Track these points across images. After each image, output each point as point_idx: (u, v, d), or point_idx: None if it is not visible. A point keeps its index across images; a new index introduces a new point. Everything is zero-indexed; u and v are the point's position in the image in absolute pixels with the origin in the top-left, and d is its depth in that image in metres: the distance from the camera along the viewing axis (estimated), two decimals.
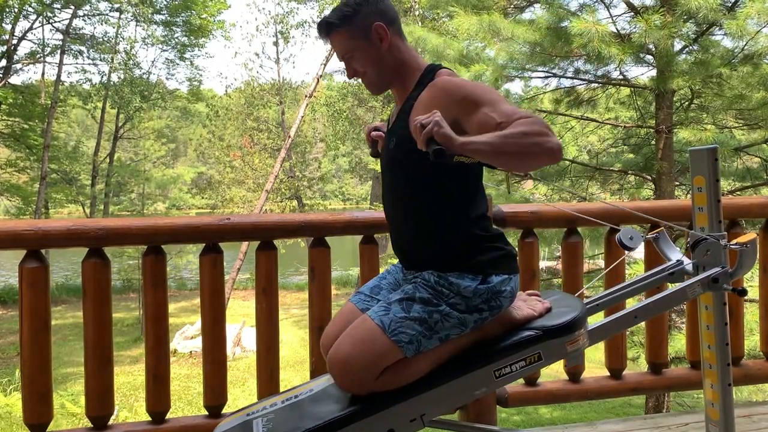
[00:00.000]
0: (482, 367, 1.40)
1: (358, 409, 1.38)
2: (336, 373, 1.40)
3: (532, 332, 1.43)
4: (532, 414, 8.57)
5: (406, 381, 1.39)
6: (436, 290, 1.42)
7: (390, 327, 1.38)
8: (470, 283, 1.42)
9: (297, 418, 1.41)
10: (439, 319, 1.40)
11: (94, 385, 1.90)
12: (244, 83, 20.56)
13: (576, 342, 1.44)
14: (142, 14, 17.04)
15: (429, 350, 1.40)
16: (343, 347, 1.40)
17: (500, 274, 1.45)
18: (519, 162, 1.29)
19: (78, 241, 1.88)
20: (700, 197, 1.69)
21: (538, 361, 1.42)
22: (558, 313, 1.49)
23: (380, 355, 1.37)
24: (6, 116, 16.06)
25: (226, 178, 19.97)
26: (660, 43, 5.45)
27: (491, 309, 1.44)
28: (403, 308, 1.41)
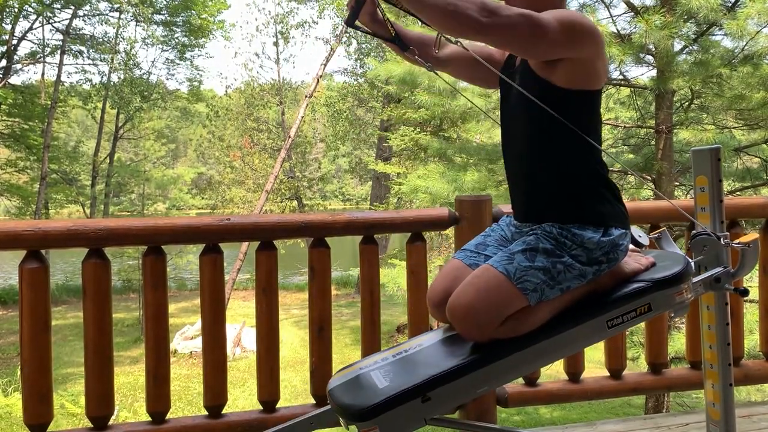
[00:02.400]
0: (597, 317, 1.45)
1: (482, 356, 1.40)
2: (458, 319, 1.41)
3: (642, 284, 1.49)
4: (532, 414, 8.57)
5: (527, 329, 1.42)
6: (558, 241, 1.44)
7: (515, 275, 1.40)
8: (593, 235, 1.44)
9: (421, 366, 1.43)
10: (562, 269, 1.42)
11: (94, 386, 1.90)
12: (244, 83, 20.59)
13: (683, 293, 1.50)
14: (142, 14, 17.04)
15: (550, 300, 1.43)
16: (467, 294, 1.41)
17: (619, 227, 1.48)
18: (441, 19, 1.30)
19: (78, 242, 1.87)
20: (703, 197, 1.69)
21: (648, 312, 1.48)
22: (663, 267, 1.54)
23: (505, 302, 1.39)
24: (6, 116, 16.06)
25: (226, 179, 19.99)
26: (660, 43, 5.45)
27: (609, 261, 1.47)
28: (527, 258, 1.42)
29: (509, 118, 1.59)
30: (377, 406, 1.33)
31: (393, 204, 14.57)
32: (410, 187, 7.53)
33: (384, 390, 1.36)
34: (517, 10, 1.32)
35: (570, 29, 1.36)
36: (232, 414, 2.04)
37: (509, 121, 1.59)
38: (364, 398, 1.36)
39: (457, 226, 2.14)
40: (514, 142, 1.58)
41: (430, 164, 9.05)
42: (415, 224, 2.13)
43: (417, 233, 2.16)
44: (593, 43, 1.40)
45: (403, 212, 2.14)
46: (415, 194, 7.52)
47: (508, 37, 1.32)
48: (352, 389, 1.43)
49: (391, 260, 10.17)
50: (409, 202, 13.08)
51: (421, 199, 7.26)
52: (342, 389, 1.44)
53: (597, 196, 1.49)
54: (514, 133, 1.58)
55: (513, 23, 1.30)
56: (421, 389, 1.35)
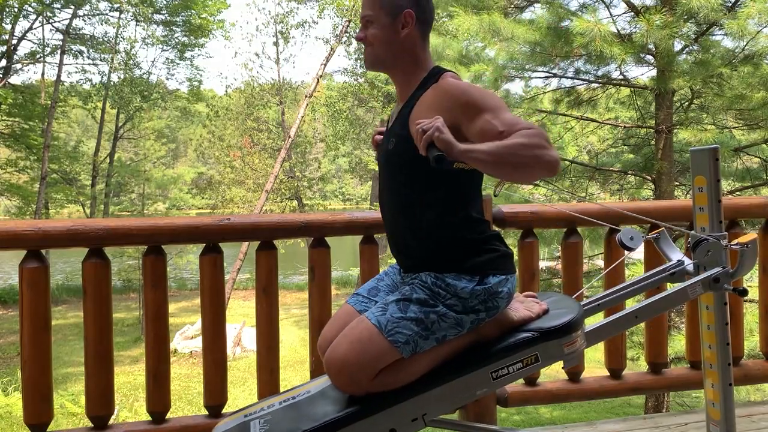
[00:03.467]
0: (479, 368, 1.40)
1: (356, 409, 1.37)
2: (333, 374, 1.40)
3: (529, 334, 1.43)
4: (532, 414, 8.57)
5: (403, 382, 1.39)
6: (432, 291, 1.42)
7: (387, 327, 1.38)
8: (467, 285, 1.42)
9: (295, 419, 1.41)
10: (435, 319, 1.40)
11: (94, 385, 1.90)
12: (244, 83, 20.55)
13: (573, 344, 1.44)
14: (142, 14, 17.05)
15: (426, 351, 1.40)
16: (340, 348, 1.39)
17: (497, 274, 1.45)
18: (517, 173, 1.30)
19: (78, 241, 1.87)
20: (701, 197, 1.69)
21: (536, 363, 1.42)
22: (555, 315, 1.49)
23: (377, 356, 1.37)
24: (6, 116, 16.06)
25: (226, 179, 19.96)
26: (661, 43, 5.45)
27: (488, 310, 1.44)
28: (400, 308, 1.41)
29: (381, 176, 1.59)
30: None
31: None
32: None
33: None
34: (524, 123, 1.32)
35: None
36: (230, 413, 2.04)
37: (381, 178, 1.59)
38: None
39: None
40: (385, 198, 1.58)
41: None
42: None
43: None
44: None
45: None
46: None
47: None
48: None
49: (391, 260, 10.17)
50: None
51: None
52: None
53: (472, 246, 1.46)
54: (385, 189, 1.58)
55: None
56: None
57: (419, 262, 1.50)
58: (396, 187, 1.53)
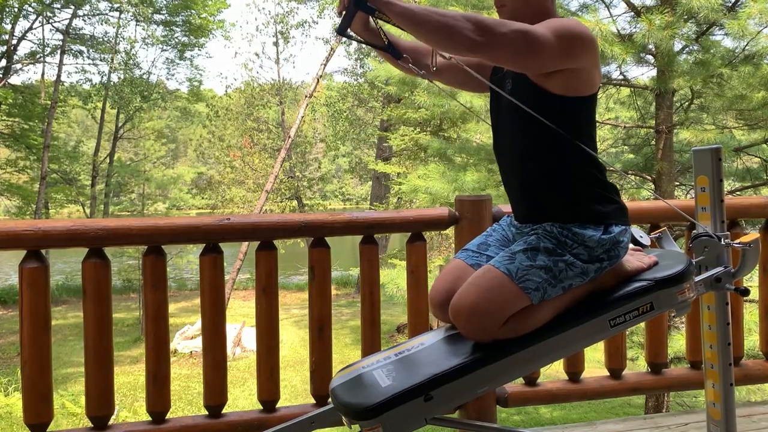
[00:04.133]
0: (599, 316, 1.45)
1: (484, 355, 1.40)
2: (462, 320, 1.41)
3: (644, 283, 1.48)
4: (532, 414, 8.57)
5: (530, 329, 1.42)
6: (559, 240, 1.45)
7: (517, 275, 1.40)
8: (594, 233, 1.45)
9: (423, 365, 1.43)
10: (563, 268, 1.42)
11: (94, 385, 1.90)
12: (244, 83, 20.58)
13: (685, 292, 1.50)
14: (142, 14, 17.05)
15: (552, 299, 1.43)
16: (469, 295, 1.41)
17: (619, 224, 1.48)
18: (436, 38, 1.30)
19: (78, 241, 1.87)
20: (704, 197, 1.69)
21: (651, 311, 1.48)
22: (665, 266, 1.54)
23: (507, 302, 1.39)
24: (6, 116, 16.06)
25: (226, 179, 19.97)
26: (661, 43, 5.45)
27: (611, 259, 1.47)
28: (528, 257, 1.43)
29: (501, 124, 1.59)
30: (380, 405, 1.33)
31: (393, 204, 14.57)
32: (410, 187, 7.53)
33: (386, 389, 1.36)
34: (513, 26, 1.32)
35: (567, 42, 1.36)
36: (232, 414, 2.04)
37: (501, 126, 1.59)
38: (366, 397, 1.36)
39: (457, 226, 2.14)
40: (508, 147, 1.58)
41: (430, 164, 9.05)
42: (415, 224, 2.13)
43: (417, 233, 2.15)
44: (590, 53, 1.41)
45: (403, 212, 2.14)
46: (415, 194, 7.52)
47: (505, 54, 1.33)
48: (354, 388, 1.43)
49: (391, 260, 10.17)
50: (409, 202, 13.08)
51: (421, 199, 7.26)
52: (344, 388, 1.44)
53: (594, 196, 1.49)
54: (506, 139, 1.58)
55: (509, 40, 1.31)
56: (424, 388, 1.35)
57: (543, 209, 1.51)
58: (518, 135, 1.52)
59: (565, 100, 1.43)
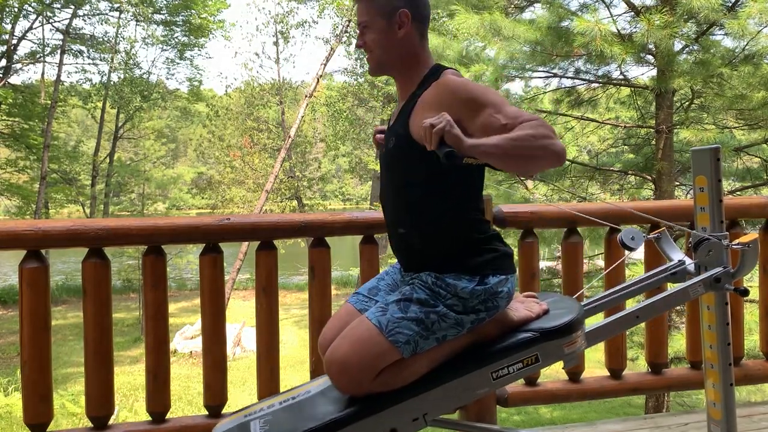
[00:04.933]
0: (480, 368, 1.40)
1: (357, 409, 1.37)
2: (333, 375, 1.39)
3: (529, 334, 1.43)
4: (532, 414, 8.57)
5: (404, 382, 1.39)
6: (433, 291, 1.42)
7: (387, 327, 1.38)
8: (467, 284, 1.42)
9: (295, 419, 1.41)
10: (436, 319, 1.40)
11: (94, 385, 1.90)
12: (244, 83, 20.55)
13: (573, 344, 1.44)
14: (142, 14, 17.05)
15: (426, 351, 1.40)
16: (341, 348, 1.39)
17: (497, 274, 1.45)
18: (526, 164, 1.30)
19: (78, 241, 1.87)
20: (702, 197, 1.68)
21: (536, 363, 1.42)
22: (555, 315, 1.49)
23: (378, 356, 1.36)
24: (6, 116, 16.06)
25: (226, 178, 19.96)
26: (661, 43, 5.45)
27: (488, 310, 1.43)
28: (400, 308, 1.41)
29: (383, 176, 1.59)
30: None
31: None
32: None
33: None
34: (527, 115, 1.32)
35: None
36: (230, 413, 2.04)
37: (384, 174, 1.59)
38: None
39: None
40: (388, 196, 1.58)
41: None
42: None
43: None
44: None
45: None
46: None
47: None
48: None
49: (391, 260, 10.18)
50: None
51: None
52: None
53: (473, 246, 1.46)
54: (387, 187, 1.57)
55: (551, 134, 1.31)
56: None
57: (419, 261, 1.49)
58: (397, 186, 1.53)
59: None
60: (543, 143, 1.26)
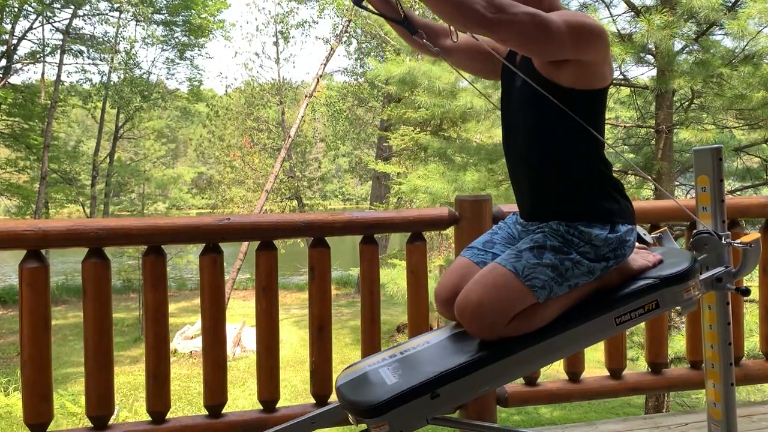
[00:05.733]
0: (605, 313, 1.44)
1: (490, 353, 1.39)
2: (467, 318, 1.40)
3: (650, 281, 1.48)
4: (532, 414, 8.57)
5: (534, 327, 1.41)
6: (565, 239, 1.44)
7: (524, 272, 1.40)
8: (600, 232, 1.44)
9: (429, 363, 1.42)
10: (570, 266, 1.42)
11: (94, 385, 1.90)
12: (244, 83, 20.57)
13: (690, 290, 1.49)
14: (142, 14, 17.05)
15: (558, 297, 1.42)
16: (475, 292, 1.40)
17: (625, 223, 1.48)
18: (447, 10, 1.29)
19: (78, 241, 1.87)
20: (704, 197, 1.68)
21: (656, 309, 1.47)
22: (670, 264, 1.53)
23: (513, 300, 1.39)
24: (6, 116, 16.06)
25: (226, 178, 19.98)
26: (661, 43, 5.45)
27: (617, 258, 1.46)
28: (535, 255, 1.42)
29: (511, 116, 1.57)
30: (387, 403, 1.33)
31: (393, 204, 14.57)
32: (410, 187, 7.53)
33: (393, 386, 1.36)
34: (525, 9, 1.31)
35: (577, 32, 1.35)
36: (232, 414, 2.04)
37: (511, 119, 1.57)
38: (373, 394, 1.37)
39: (457, 226, 2.14)
40: (517, 140, 1.56)
41: (430, 164, 9.04)
42: (415, 224, 2.12)
43: (417, 233, 2.15)
44: (600, 46, 1.39)
45: (403, 212, 2.14)
46: (415, 194, 7.52)
47: (514, 35, 1.31)
48: (360, 386, 1.42)
49: (391, 260, 10.17)
50: (409, 202, 13.07)
51: (421, 198, 7.26)
52: (350, 386, 1.44)
53: (602, 194, 1.48)
54: (516, 132, 1.56)
55: (520, 21, 1.29)
56: (431, 386, 1.35)
57: (551, 207, 1.51)
58: (527, 130, 1.52)
59: (573, 93, 1.41)
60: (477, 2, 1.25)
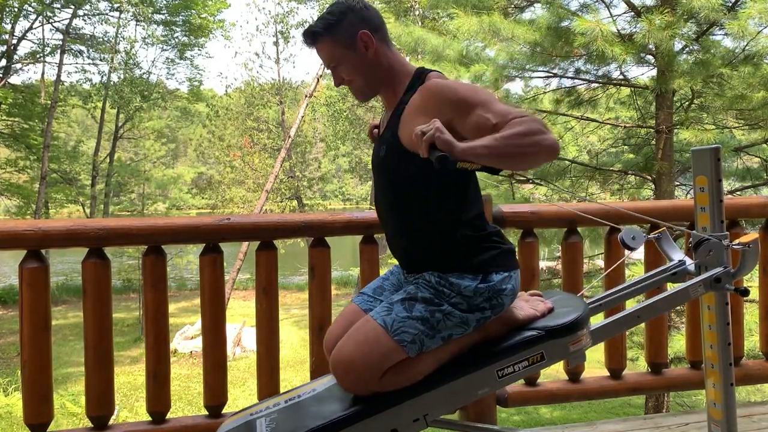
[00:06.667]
0: (485, 366, 1.40)
1: (361, 408, 1.37)
2: (339, 374, 1.39)
3: (534, 332, 1.43)
4: (532, 414, 8.57)
5: (409, 381, 1.39)
6: (437, 290, 1.42)
7: (393, 327, 1.38)
8: (470, 283, 1.42)
9: (300, 418, 1.41)
10: (441, 318, 1.39)
11: (94, 385, 1.90)
12: (244, 83, 20.57)
13: (579, 342, 1.44)
14: (142, 14, 17.05)
15: (432, 350, 1.40)
16: (346, 348, 1.39)
17: (500, 271, 1.44)
18: (519, 162, 1.30)
19: (78, 241, 1.87)
20: (703, 197, 1.68)
21: (541, 361, 1.42)
22: (560, 313, 1.49)
23: (383, 355, 1.36)
24: (6, 116, 16.06)
25: (226, 178, 19.98)
26: (661, 43, 5.45)
27: (493, 308, 1.43)
28: (405, 308, 1.40)
29: (376, 181, 1.58)
30: None
31: None
32: None
33: None
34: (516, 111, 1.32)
35: None
36: (232, 414, 2.04)
37: (376, 183, 1.58)
38: None
39: None
40: (383, 201, 1.57)
41: None
42: None
43: None
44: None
45: None
46: None
47: None
48: None
49: (391, 260, 10.17)
50: None
51: None
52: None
53: (473, 245, 1.46)
54: (381, 193, 1.57)
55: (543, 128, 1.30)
56: None
57: (420, 263, 1.49)
58: (391, 193, 1.52)
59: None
60: (534, 139, 1.25)
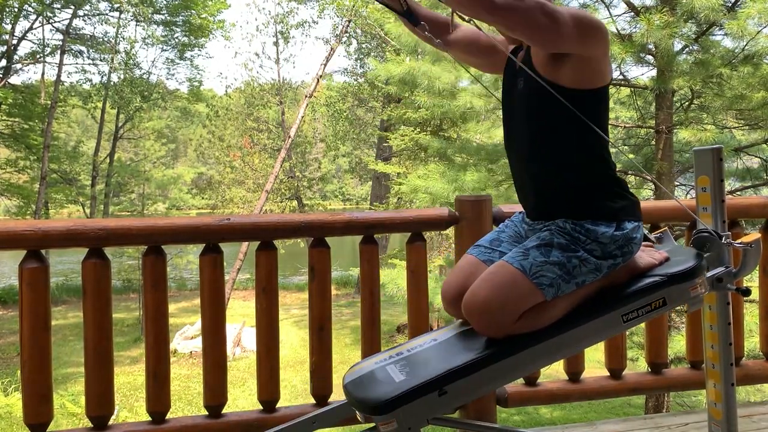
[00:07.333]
0: (611, 311, 1.45)
1: (497, 350, 1.40)
2: (475, 317, 1.41)
3: (656, 278, 1.49)
4: (532, 414, 8.57)
5: (542, 324, 1.42)
6: (572, 237, 1.45)
7: (531, 270, 1.40)
8: (606, 230, 1.45)
9: (436, 361, 1.43)
10: (577, 264, 1.43)
11: (94, 385, 1.90)
12: (244, 83, 20.58)
13: (697, 287, 1.50)
14: (142, 14, 17.04)
15: (565, 295, 1.43)
16: (483, 291, 1.41)
17: (632, 220, 1.48)
18: None
19: (78, 242, 1.87)
20: (704, 197, 1.68)
21: (663, 306, 1.48)
22: (677, 261, 1.55)
23: (521, 298, 1.39)
24: (6, 116, 16.06)
25: (226, 179, 19.99)
26: (661, 43, 5.45)
27: (624, 255, 1.47)
28: (542, 253, 1.43)
29: (513, 117, 1.57)
30: (395, 399, 1.33)
31: (393, 204, 14.56)
32: (410, 187, 7.53)
33: (401, 384, 1.37)
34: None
35: (582, 25, 1.36)
36: (232, 414, 2.04)
37: (513, 118, 1.57)
38: (381, 392, 1.37)
39: (457, 226, 2.13)
40: (519, 140, 1.57)
41: (430, 164, 9.05)
42: (415, 224, 2.12)
43: (417, 233, 2.15)
44: (602, 41, 1.41)
45: (403, 212, 2.14)
46: (415, 194, 7.52)
47: (520, 22, 1.31)
48: (368, 383, 1.43)
49: (391, 260, 10.17)
50: (409, 202, 13.06)
51: (421, 199, 7.26)
52: (358, 383, 1.44)
53: (607, 191, 1.49)
54: (518, 132, 1.56)
55: (527, 8, 1.30)
56: (439, 383, 1.35)
57: (555, 206, 1.51)
58: (530, 130, 1.52)
59: (575, 93, 1.42)
60: None
